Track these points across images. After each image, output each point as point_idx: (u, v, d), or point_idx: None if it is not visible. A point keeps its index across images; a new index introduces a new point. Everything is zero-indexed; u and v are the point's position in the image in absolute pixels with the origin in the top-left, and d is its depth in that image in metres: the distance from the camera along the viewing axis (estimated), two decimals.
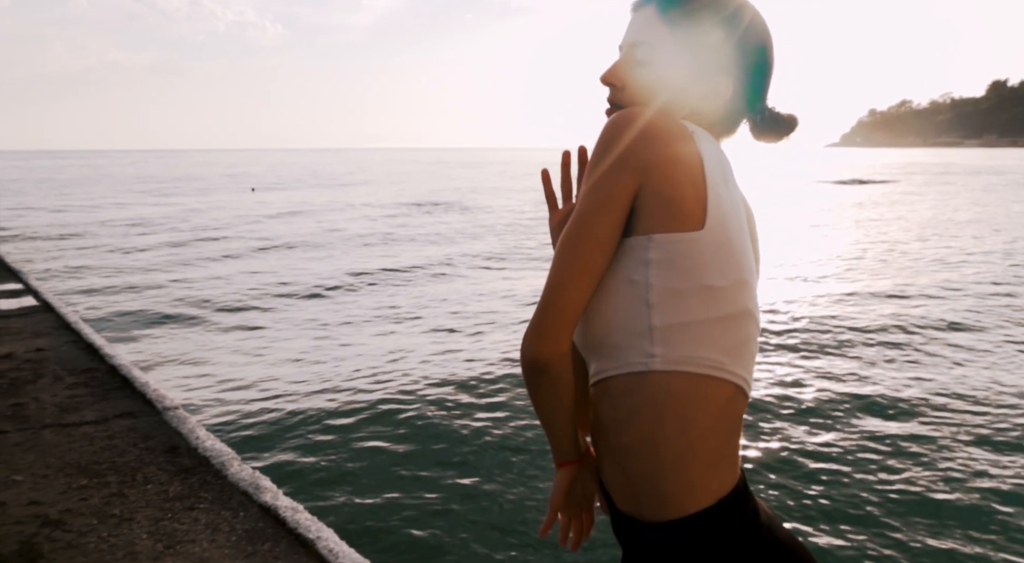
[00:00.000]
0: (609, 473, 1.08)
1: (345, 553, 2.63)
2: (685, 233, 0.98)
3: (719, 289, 0.98)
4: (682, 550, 0.98)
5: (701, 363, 0.99)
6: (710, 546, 0.98)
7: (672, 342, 0.98)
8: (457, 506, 4.31)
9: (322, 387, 6.59)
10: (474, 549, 3.86)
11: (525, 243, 16.54)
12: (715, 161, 1.04)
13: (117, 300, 10.90)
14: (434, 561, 3.78)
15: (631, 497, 1.04)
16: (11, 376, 4.80)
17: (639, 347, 0.99)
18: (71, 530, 2.85)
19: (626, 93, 1.10)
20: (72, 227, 21.32)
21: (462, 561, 3.77)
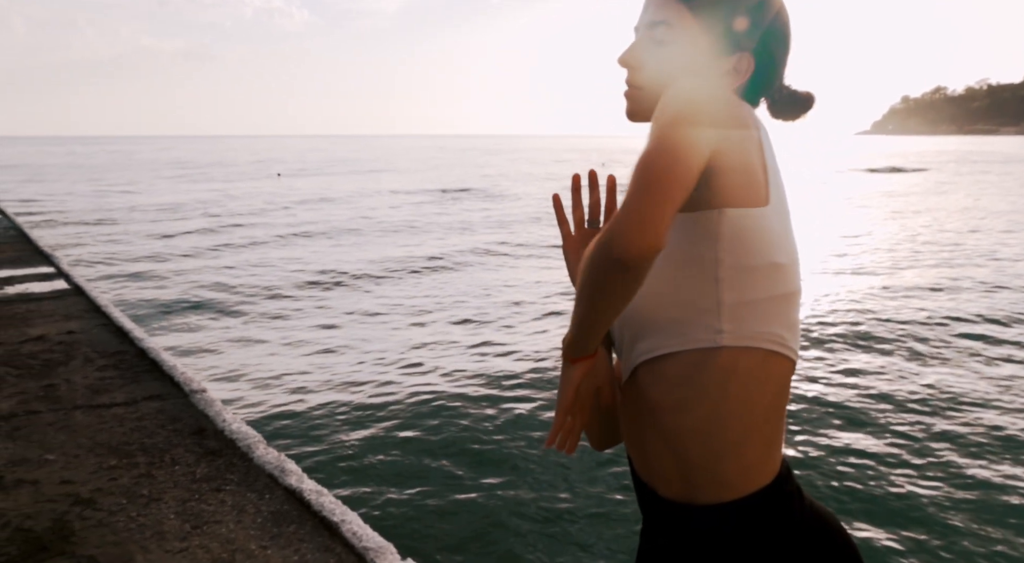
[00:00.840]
0: (655, 458, 1.04)
1: (369, 536, 2.65)
2: (756, 208, 0.97)
3: (783, 266, 0.98)
4: (737, 531, 0.98)
5: (769, 339, 0.98)
6: (764, 526, 0.98)
7: (741, 318, 0.97)
8: (481, 495, 4.32)
9: (348, 375, 6.64)
10: (495, 536, 3.88)
11: (554, 233, 16.46)
12: (766, 135, 1.05)
13: (146, 285, 11.05)
14: (456, 547, 3.80)
15: (682, 481, 1.01)
16: (44, 358, 4.89)
17: (706, 323, 0.97)
18: (101, 509, 2.90)
19: (644, 74, 1.08)
20: (103, 212, 21.63)
21: (484, 548, 3.79)
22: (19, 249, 10.05)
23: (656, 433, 1.02)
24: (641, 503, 1.13)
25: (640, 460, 1.08)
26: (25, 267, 8.52)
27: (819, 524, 1.02)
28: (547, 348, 7.35)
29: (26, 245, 10.43)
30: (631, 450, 1.11)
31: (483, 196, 27.84)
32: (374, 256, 13.23)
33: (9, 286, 7.39)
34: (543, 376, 6.44)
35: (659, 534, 1.06)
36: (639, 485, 1.11)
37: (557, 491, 4.33)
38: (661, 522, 1.06)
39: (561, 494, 4.29)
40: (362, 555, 2.57)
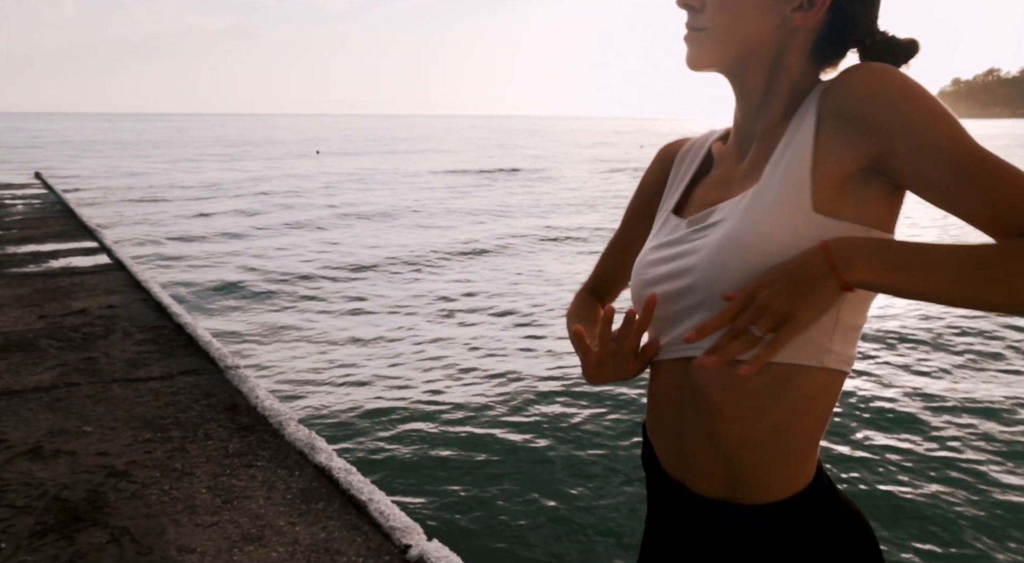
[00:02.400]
0: (697, 458, 0.97)
1: (396, 516, 2.65)
2: (889, 233, 0.89)
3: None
4: (774, 531, 0.94)
5: (852, 362, 0.94)
6: (801, 525, 0.94)
7: (847, 340, 0.91)
8: (508, 484, 4.31)
9: (383, 360, 6.67)
10: (520, 525, 3.87)
11: (597, 218, 16.27)
12: None
13: (185, 262, 11.22)
14: (482, 533, 3.79)
15: (724, 482, 0.95)
16: (84, 331, 4.99)
17: (817, 341, 0.89)
18: (135, 481, 2.95)
19: (707, 14, 0.94)
20: (147, 189, 22.00)
21: (509, 535, 3.78)
22: (64, 224, 10.27)
23: (706, 436, 0.95)
24: (657, 494, 1.07)
25: (672, 454, 1.01)
26: (70, 241, 8.71)
27: (850, 520, 0.98)
28: None
29: (71, 220, 10.66)
30: (659, 441, 1.04)
31: (525, 178, 27.73)
32: (412, 241, 13.18)
33: (54, 260, 7.55)
34: (570, 366, 6.40)
35: (679, 529, 1.02)
36: (661, 477, 1.05)
37: (587, 482, 4.30)
38: (685, 517, 1.01)
39: (590, 485, 4.26)
40: (388, 534, 2.57)
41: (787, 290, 0.81)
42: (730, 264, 0.88)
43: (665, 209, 1.09)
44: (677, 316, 0.97)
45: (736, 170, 0.99)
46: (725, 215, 0.92)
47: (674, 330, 0.97)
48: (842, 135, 0.85)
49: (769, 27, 0.92)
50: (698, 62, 0.97)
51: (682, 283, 0.95)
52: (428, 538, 2.55)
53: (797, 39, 0.93)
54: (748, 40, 0.93)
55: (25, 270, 7.03)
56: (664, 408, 1.01)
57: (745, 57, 0.95)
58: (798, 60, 0.94)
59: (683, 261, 0.96)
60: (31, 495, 2.82)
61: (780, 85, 0.95)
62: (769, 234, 0.86)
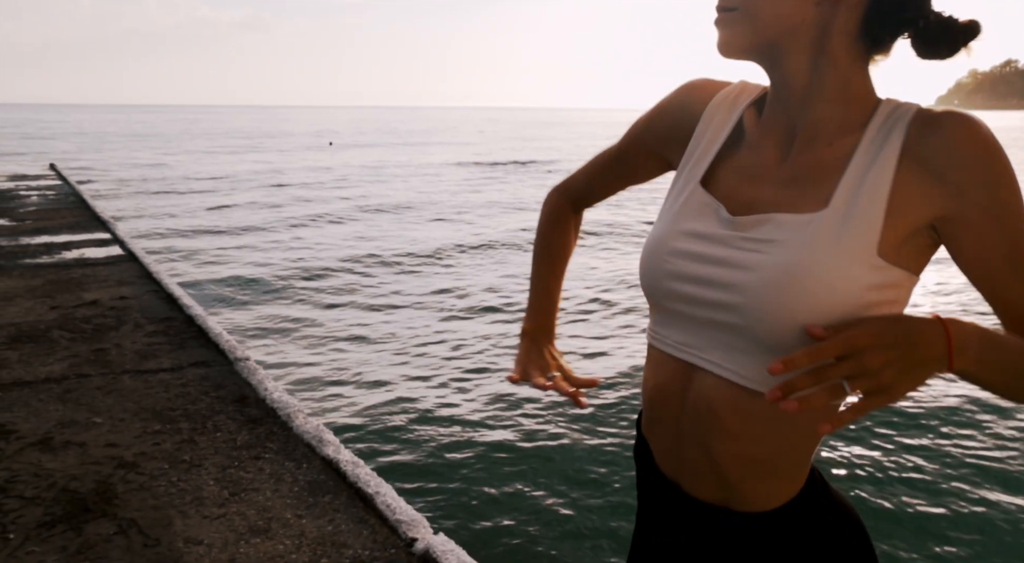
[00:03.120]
0: (692, 463, 0.94)
1: (402, 509, 2.64)
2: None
3: None
4: (770, 536, 0.92)
5: None
6: (804, 523, 0.93)
7: None
8: (516, 482, 4.30)
9: (392, 354, 6.67)
10: (527, 522, 3.85)
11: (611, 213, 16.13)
12: None
13: (199, 254, 11.26)
14: (488, 529, 3.78)
15: (716, 490, 0.93)
16: (96, 322, 5.01)
17: None
18: (144, 473, 2.95)
19: None
20: (162, 181, 22.09)
21: (515, 532, 3.77)
22: (78, 215, 10.32)
23: (704, 448, 0.92)
24: (650, 491, 1.04)
25: (669, 455, 0.98)
26: (83, 233, 8.75)
27: (844, 518, 0.95)
28: (591, 337, 7.28)
29: (85, 211, 10.71)
30: (655, 439, 1.01)
31: (539, 170, 27.65)
32: (425, 235, 13.04)
33: (67, 251, 7.59)
34: (581, 364, 6.39)
35: (676, 529, 0.99)
36: (656, 474, 1.01)
37: (595, 479, 4.27)
38: (681, 518, 0.98)
39: (598, 482, 4.23)
40: (395, 527, 2.57)
41: (900, 362, 0.73)
42: (787, 303, 0.81)
43: (690, 176, 0.98)
44: (706, 324, 0.90)
45: (775, 166, 0.90)
46: (785, 237, 0.83)
47: (698, 334, 0.91)
48: (925, 186, 0.80)
49: (807, 5, 0.84)
50: (731, 46, 0.89)
51: (724, 297, 0.87)
52: (434, 531, 2.54)
53: (840, 17, 0.84)
54: (785, 18, 0.84)
55: (38, 261, 7.07)
56: (663, 408, 0.97)
57: (783, 38, 0.86)
58: (843, 43, 0.85)
59: (729, 273, 0.86)
60: (40, 486, 2.83)
61: (825, 74, 0.86)
62: (833, 284, 0.80)
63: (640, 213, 15.32)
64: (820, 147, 0.87)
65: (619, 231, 13.47)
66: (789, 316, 0.81)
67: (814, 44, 0.85)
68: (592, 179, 1.18)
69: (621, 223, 14.07)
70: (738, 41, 0.88)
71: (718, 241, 0.89)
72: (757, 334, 0.84)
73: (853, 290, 0.80)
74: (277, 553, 2.44)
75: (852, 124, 0.86)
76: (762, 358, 0.84)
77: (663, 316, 0.96)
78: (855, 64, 0.86)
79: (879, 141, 0.83)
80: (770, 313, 0.82)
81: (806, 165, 0.87)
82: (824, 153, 0.86)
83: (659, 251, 0.94)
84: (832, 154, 0.85)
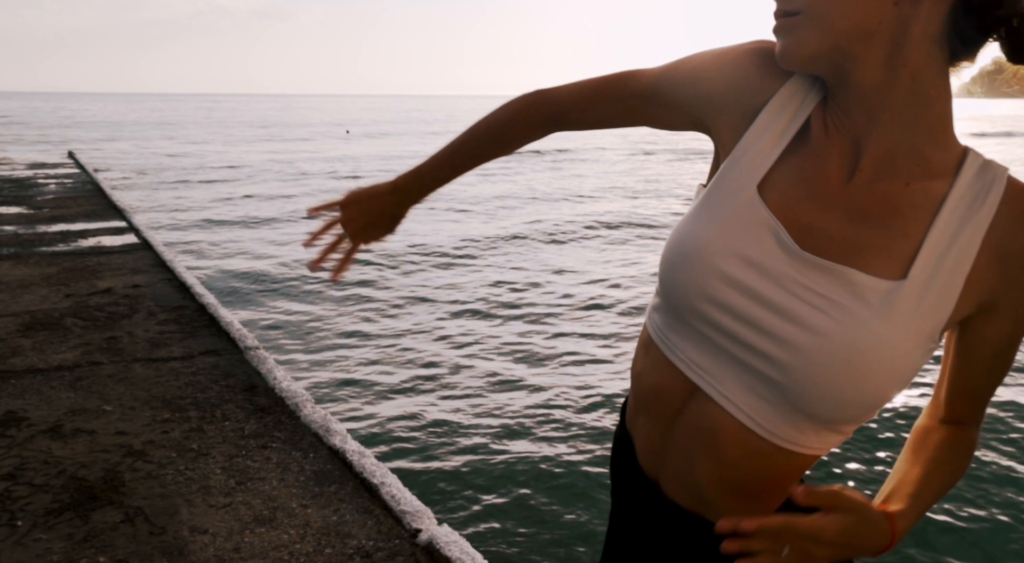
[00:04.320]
0: (680, 477, 0.90)
1: (407, 500, 2.64)
2: None
3: None
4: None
5: None
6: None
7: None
8: (519, 472, 4.30)
9: (403, 348, 6.67)
10: (530, 513, 3.85)
11: (639, 204, 16.06)
12: None
13: (214, 245, 11.31)
14: (491, 518, 3.78)
15: (702, 507, 0.90)
16: (109, 310, 5.04)
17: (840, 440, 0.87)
18: (151, 461, 2.97)
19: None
20: (180, 170, 22.21)
21: (518, 521, 3.77)
22: (95, 203, 10.39)
23: (688, 463, 0.88)
24: (627, 485, 0.99)
25: (652, 456, 0.93)
26: (99, 221, 8.81)
27: None
28: (613, 327, 7.24)
29: (101, 199, 10.78)
30: (639, 437, 0.96)
31: (553, 159, 27.55)
32: (439, 230, 12.80)
33: (83, 239, 7.64)
34: (595, 355, 6.36)
35: (655, 530, 0.95)
36: (635, 470, 0.96)
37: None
38: (657, 518, 0.94)
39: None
40: (399, 518, 2.56)
41: (841, 552, 0.72)
42: (842, 380, 0.75)
43: (746, 175, 0.84)
44: (735, 361, 0.82)
45: (840, 186, 0.79)
46: (857, 307, 0.75)
47: (720, 364, 0.83)
48: (994, 276, 0.75)
49: (884, 5, 0.72)
50: (795, 55, 0.77)
51: (772, 350, 0.78)
52: (438, 523, 2.53)
53: (921, 17, 0.72)
54: (859, 21, 0.73)
55: (54, 249, 7.12)
56: (655, 409, 0.92)
57: (854, 44, 0.74)
58: (923, 48, 0.73)
59: (785, 326, 0.77)
60: (49, 473, 2.85)
61: (899, 84, 0.74)
62: (895, 366, 0.74)
63: (657, 203, 15.20)
64: (895, 182, 0.77)
65: (637, 223, 13.38)
66: (838, 391, 0.75)
67: (889, 49, 0.74)
68: (584, 102, 1.00)
69: (640, 215, 13.94)
70: (804, 49, 0.77)
71: (775, 279, 0.78)
72: (794, 397, 0.78)
73: (909, 371, 0.76)
74: (281, 543, 2.44)
75: (934, 167, 0.76)
76: (788, 416, 0.79)
77: (683, 329, 0.86)
78: (934, 72, 0.75)
79: (965, 208, 0.74)
80: (819, 385, 0.76)
81: (878, 201, 0.77)
82: (900, 193, 0.77)
83: (701, 267, 0.82)
84: (910, 199, 0.76)
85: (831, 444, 0.83)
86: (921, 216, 0.75)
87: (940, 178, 0.76)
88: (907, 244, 0.75)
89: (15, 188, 12.19)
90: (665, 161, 27.69)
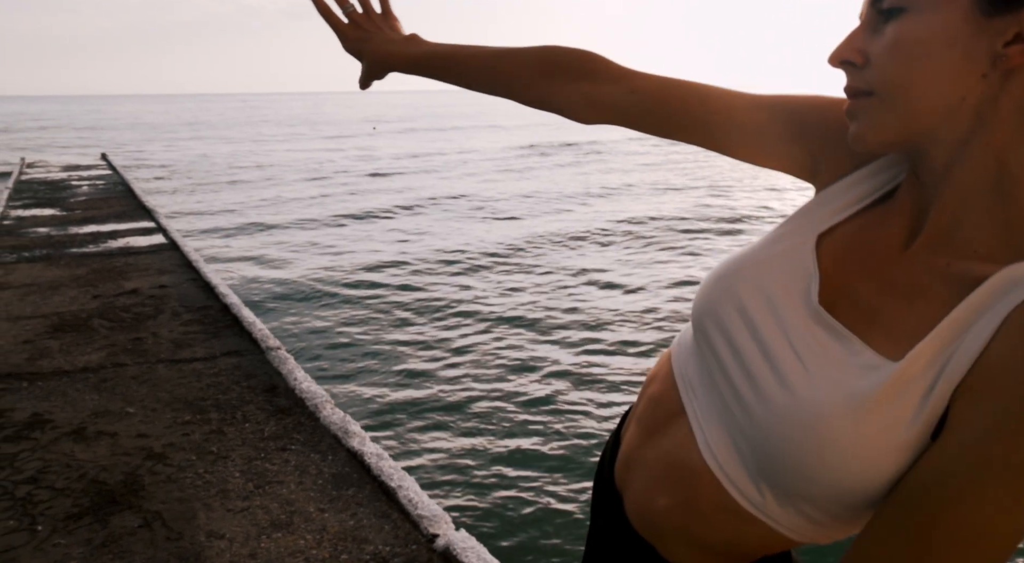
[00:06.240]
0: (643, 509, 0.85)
1: (424, 504, 2.61)
2: None
3: None
4: None
5: None
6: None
7: None
8: (540, 482, 4.27)
9: (422, 349, 6.65)
10: (546, 523, 3.80)
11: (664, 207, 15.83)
12: None
13: (239, 248, 11.38)
14: (509, 525, 3.74)
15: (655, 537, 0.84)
16: (135, 311, 5.07)
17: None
18: (171, 464, 2.97)
19: (875, 71, 0.67)
20: (207, 171, 22.46)
21: (533, 526, 3.73)
22: (125, 204, 10.52)
23: (654, 494, 0.82)
24: (600, 495, 0.95)
25: (624, 460, 0.89)
26: (129, 222, 8.91)
27: None
28: (644, 345, 7.16)
29: (131, 200, 10.91)
30: (623, 447, 0.90)
31: (579, 152, 27.41)
32: (467, 233, 12.43)
33: (113, 240, 7.73)
34: (621, 377, 6.29)
35: (615, 554, 0.89)
36: (608, 478, 0.92)
37: None
38: (615, 540, 0.89)
39: None
40: (417, 523, 2.53)
41: None
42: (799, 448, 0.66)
43: (816, 220, 0.78)
44: (720, 396, 0.76)
45: (896, 252, 0.71)
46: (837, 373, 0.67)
47: (708, 393, 0.78)
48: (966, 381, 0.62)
49: (970, 78, 0.62)
50: (868, 142, 0.69)
51: (749, 395, 0.72)
52: (456, 528, 2.50)
53: (1012, 91, 0.62)
54: (940, 101, 0.64)
55: (85, 250, 7.21)
56: (646, 419, 0.87)
57: (933, 124, 0.65)
58: (1010, 125, 0.63)
59: (764, 372, 0.72)
60: (71, 477, 2.86)
61: (978, 159, 0.65)
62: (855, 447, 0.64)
63: (751, 198, 14.94)
64: (940, 259, 0.67)
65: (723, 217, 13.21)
66: (793, 456, 0.67)
67: (972, 126, 0.64)
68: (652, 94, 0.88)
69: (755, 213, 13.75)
70: (878, 135, 0.68)
71: (781, 323, 0.73)
72: (757, 451, 0.71)
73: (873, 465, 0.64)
74: (298, 548, 2.42)
75: (989, 250, 0.65)
76: (753, 476, 0.72)
77: (692, 343, 0.83)
78: (1019, 145, 0.64)
79: (978, 310, 0.62)
80: (774, 442, 0.69)
81: (915, 276, 0.68)
82: (940, 271, 0.67)
83: (724, 289, 0.79)
84: (946, 279, 0.66)
85: (803, 531, 0.72)
86: (947, 300, 0.65)
87: (989, 262, 0.64)
88: (919, 327, 0.65)
89: (50, 190, 12.39)
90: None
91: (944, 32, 0.62)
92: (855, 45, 0.69)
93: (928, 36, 0.63)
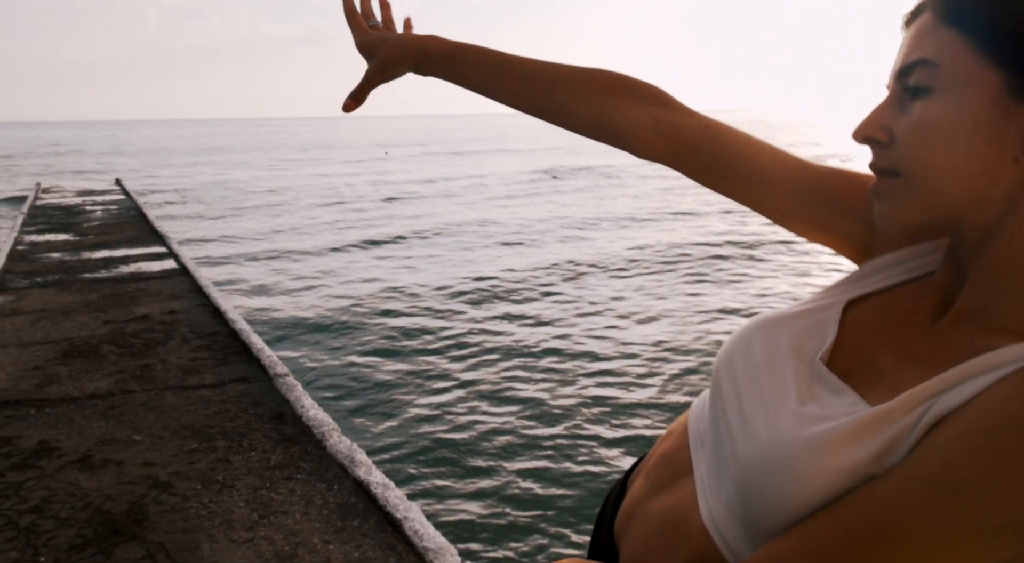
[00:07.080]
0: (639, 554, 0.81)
1: (431, 536, 2.57)
2: None
3: None
4: None
5: None
6: None
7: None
8: (550, 511, 4.22)
9: (429, 379, 6.61)
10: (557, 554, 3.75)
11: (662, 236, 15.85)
12: None
13: (252, 277, 11.37)
14: (518, 559, 3.69)
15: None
16: (145, 337, 5.08)
17: None
18: (176, 494, 2.94)
19: (901, 151, 0.64)
20: (221, 197, 22.62)
21: (544, 557, 3.67)
22: (138, 229, 10.60)
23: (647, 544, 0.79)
24: (595, 536, 0.94)
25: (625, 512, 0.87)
26: (141, 246, 8.97)
27: None
28: (658, 377, 7.11)
29: (144, 225, 10.99)
30: (628, 498, 0.89)
31: (596, 175, 27.46)
32: (472, 265, 11.98)
33: (124, 265, 7.77)
34: (636, 415, 6.23)
35: None
36: (609, 527, 0.90)
37: None
38: None
39: None
40: (422, 555, 2.49)
41: None
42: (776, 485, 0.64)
43: (852, 287, 0.79)
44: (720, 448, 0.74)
45: (925, 325, 0.69)
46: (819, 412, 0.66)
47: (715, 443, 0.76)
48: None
49: (1001, 162, 0.60)
50: (895, 221, 0.67)
51: (738, 433, 0.71)
52: (461, 561, 2.46)
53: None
54: (968, 186, 0.62)
55: (96, 275, 7.25)
56: (654, 474, 0.85)
57: (965, 210, 0.63)
58: None
59: (755, 410, 0.71)
60: (75, 506, 2.84)
61: (1012, 249, 0.62)
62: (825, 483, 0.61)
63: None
64: (971, 333, 0.64)
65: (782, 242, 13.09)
66: (773, 497, 0.64)
67: (1003, 210, 0.62)
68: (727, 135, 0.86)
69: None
70: (904, 217, 0.66)
71: (784, 375, 0.72)
72: (746, 501, 0.67)
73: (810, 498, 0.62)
74: None
75: (1013, 324, 0.62)
76: (745, 535, 0.68)
77: (709, 395, 0.82)
78: None
79: (988, 364, 0.59)
80: (757, 481, 0.66)
81: (941, 346, 0.66)
82: (959, 345, 0.64)
83: (742, 342, 0.78)
84: (963, 350, 0.63)
85: None
86: (956, 364, 0.62)
87: (1014, 336, 0.61)
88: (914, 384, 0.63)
89: (64, 215, 12.51)
90: None
91: (972, 116, 0.60)
92: (880, 121, 0.67)
93: (956, 120, 0.60)
